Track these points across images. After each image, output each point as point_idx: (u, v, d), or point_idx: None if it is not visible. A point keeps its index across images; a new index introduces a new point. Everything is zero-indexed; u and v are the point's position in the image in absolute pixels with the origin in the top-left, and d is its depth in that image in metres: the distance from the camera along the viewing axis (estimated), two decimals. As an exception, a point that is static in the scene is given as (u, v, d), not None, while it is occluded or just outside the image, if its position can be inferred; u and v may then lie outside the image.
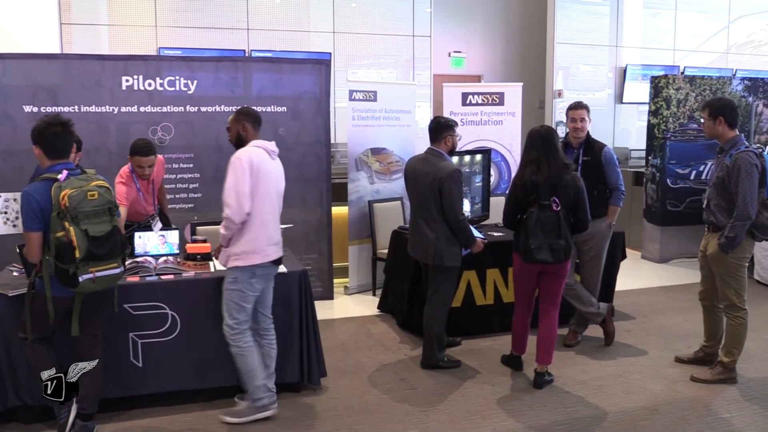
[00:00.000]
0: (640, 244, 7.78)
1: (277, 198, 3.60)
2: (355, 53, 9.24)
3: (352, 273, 6.15)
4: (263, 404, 3.58)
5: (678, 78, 7.60)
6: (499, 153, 6.87)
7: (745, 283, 4.00)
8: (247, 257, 3.44)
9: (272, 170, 3.53)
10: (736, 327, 4.03)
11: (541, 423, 3.62)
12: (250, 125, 3.56)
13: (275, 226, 3.60)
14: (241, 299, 3.49)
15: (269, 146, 3.56)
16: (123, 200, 4.33)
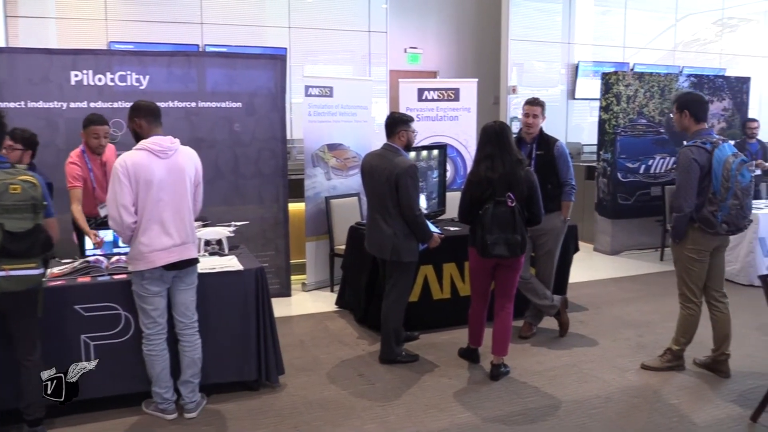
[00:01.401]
0: (592, 237, 7.97)
1: (175, 198, 3.40)
2: (312, 49, 9.18)
3: (310, 269, 6.12)
4: (161, 408, 3.57)
5: (628, 75, 7.79)
6: (454, 148, 6.93)
7: (696, 277, 4.07)
8: (134, 263, 3.39)
9: (158, 172, 3.33)
10: (686, 317, 4.14)
11: (498, 414, 3.68)
12: (144, 121, 3.43)
13: (178, 227, 3.41)
14: (140, 301, 3.45)
15: (156, 145, 3.36)
16: (76, 181, 4.25)
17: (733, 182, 3.80)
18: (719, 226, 3.88)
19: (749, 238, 6.21)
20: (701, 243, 3.99)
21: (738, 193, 3.81)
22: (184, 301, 3.56)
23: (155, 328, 3.49)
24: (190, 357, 3.59)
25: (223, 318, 3.82)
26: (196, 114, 5.43)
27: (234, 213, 5.35)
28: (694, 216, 3.93)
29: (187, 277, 3.54)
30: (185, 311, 3.57)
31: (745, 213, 3.88)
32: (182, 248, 3.45)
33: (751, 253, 6.22)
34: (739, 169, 3.81)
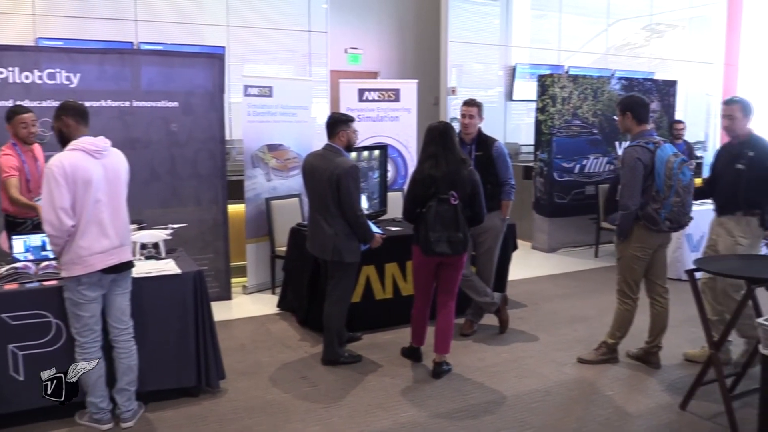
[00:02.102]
0: (530, 235, 8.16)
1: (112, 199, 3.33)
2: (251, 48, 9.04)
3: (250, 272, 6.04)
4: (96, 419, 3.46)
5: (563, 77, 8.01)
6: (395, 149, 6.97)
7: (637, 274, 4.21)
8: (70, 268, 3.27)
9: (95, 172, 3.24)
10: (623, 312, 4.29)
11: (441, 411, 3.72)
12: (72, 121, 3.32)
13: (116, 229, 3.34)
14: (74, 307, 3.32)
15: (91, 145, 3.27)
16: (12, 170, 4.13)
17: (675, 180, 3.94)
18: (663, 223, 4.01)
19: (677, 234, 6.47)
20: (646, 241, 4.12)
21: (680, 191, 3.96)
22: (120, 306, 3.45)
23: (90, 335, 3.36)
24: (126, 364, 3.48)
25: (161, 323, 3.72)
26: (131, 113, 5.27)
27: (171, 215, 5.22)
28: (638, 214, 4.05)
29: (123, 281, 3.44)
30: (121, 317, 3.46)
31: (686, 210, 4.04)
32: (120, 250, 3.36)
33: (679, 249, 6.50)
34: (680, 167, 3.96)
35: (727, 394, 3.52)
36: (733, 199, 4.15)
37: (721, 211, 4.28)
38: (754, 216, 4.12)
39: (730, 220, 4.18)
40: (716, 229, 4.29)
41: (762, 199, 4.11)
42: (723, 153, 4.40)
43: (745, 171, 4.07)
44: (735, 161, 4.14)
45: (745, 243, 4.11)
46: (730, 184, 4.16)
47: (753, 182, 4.06)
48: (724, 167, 4.26)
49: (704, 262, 3.79)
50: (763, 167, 4.04)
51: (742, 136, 4.18)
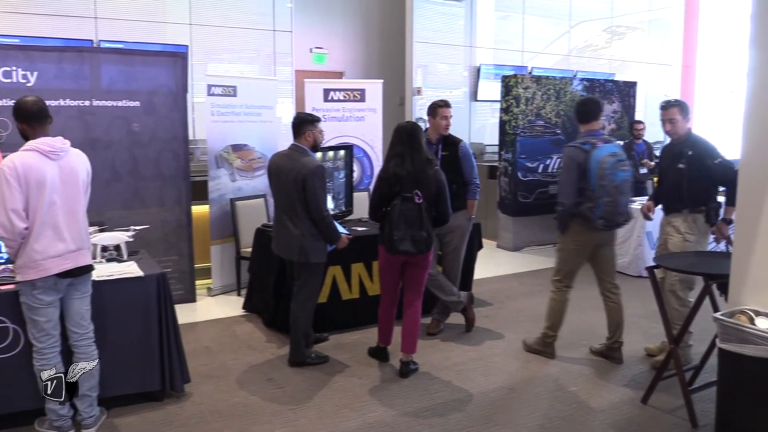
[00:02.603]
0: (495, 234, 8.24)
1: (69, 201, 3.23)
2: (214, 47, 8.94)
3: (215, 273, 5.97)
4: (56, 426, 3.37)
5: (526, 78, 8.11)
6: (361, 149, 6.97)
7: (572, 267, 4.37)
8: (24, 272, 3.18)
9: (50, 173, 3.14)
10: (550, 301, 4.48)
11: (408, 410, 3.73)
12: (25, 124, 3.23)
13: (73, 232, 3.24)
14: (30, 312, 3.24)
15: (46, 146, 3.16)
16: None
17: (608, 181, 4.06)
18: (596, 221, 4.15)
19: (638, 232, 6.62)
20: (582, 236, 4.28)
21: (611, 191, 4.07)
22: (79, 311, 3.36)
23: (48, 341, 3.28)
24: (95, 366, 3.40)
25: (123, 327, 3.65)
26: (91, 113, 5.16)
27: (133, 217, 5.13)
28: (574, 211, 4.20)
29: (81, 285, 3.36)
30: (80, 321, 3.37)
31: (620, 210, 4.16)
32: (77, 254, 3.27)
33: (640, 246, 6.64)
34: (613, 168, 4.07)
35: (686, 388, 3.61)
36: (678, 198, 4.26)
37: (668, 210, 4.40)
38: (699, 213, 4.23)
39: (677, 218, 4.28)
40: (665, 228, 4.40)
41: (705, 196, 4.22)
42: (665, 154, 4.51)
43: (686, 170, 4.19)
44: (676, 161, 4.26)
45: (693, 240, 4.21)
46: (674, 184, 4.28)
47: (694, 181, 4.18)
48: (668, 167, 4.39)
49: (663, 259, 3.88)
50: (703, 165, 4.16)
51: (682, 137, 4.29)
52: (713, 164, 4.15)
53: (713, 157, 4.18)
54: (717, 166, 4.16)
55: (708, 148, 4.23)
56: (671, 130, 4.31)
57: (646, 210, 4.65)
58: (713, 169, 4.15)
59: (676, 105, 4.29)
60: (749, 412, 2.84)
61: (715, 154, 4.21)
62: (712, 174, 4.16)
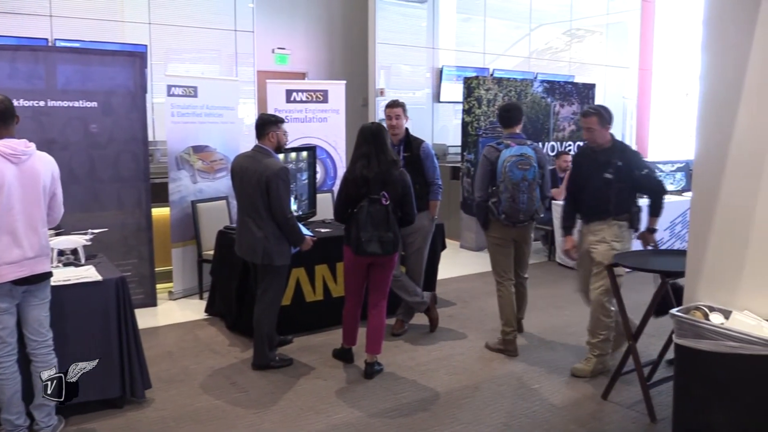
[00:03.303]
0: (458, 235, 8.30)
1: (28, 207, 3.13)
2: (174, 47, 8.79)
3: (177, 277, 5.88)
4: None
5: (488, 79, 8.20)
6: (324, 150, 6.94)
7: (504, 262, 4.63)
8: None
9: (9, 177, 3.04)
10: (497, 299, 4.68)
11: (374, 411, 3.74)
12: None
13: (31, 239, 3.13)
14: None
15: (8, 148, 3.06)
16: None
17: (507, 178, 4.35)
18: (500, 216, 4.44)
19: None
20: (500, 232, 4.56)
21: (510, 188, 4.35)
22: (37, 318, 3.26)
23: (4, 349, 3.18)
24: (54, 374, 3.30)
25: (82, 333, 3.56)
26: (46, 114, 5.03)
27: (91, 220, 5.01)
28: (485, 206, 4.51)
29: (39, 292, 3.25)
30: (38, 328, 3.27)
31: (518, 206, 4.38)
32: (34, 262, 3.16)
33: (599, 246, 6.75)
34: (512, 167, 4.34)
35: (644, 383, 3.70)
36: (603, 206, 4.16)
37: (590, 218, 4.27)
38: (623, 219, 4.17)
39: (601, 226, 4.17)
40: (587, 237, 4.27)
41: (629, 202, 4.20)
42: (585, 161, 4.36)
43: (614, 180, 4.10)
44: (603, 170, 4.15)
45: (619, 247, 4.13)
46: (599, 192, 4.16)
47: (624, 192, 4.13)
48: (590, 175, 4.24)
49: (622, 258, 3.95)
50: (631, 177, 4.12)
51: (604, 144, 4.22)
52: (640, 175, 4.15)
53: (640, 167, 4.19)
54: (643, 177, 4.17)
55: (636, 159, 4.24)
56: (589, 138, 4.25)
57: (570, 249, 4.46)
58: (640, 180, 4.15)
59: (594, 114, 4.20)
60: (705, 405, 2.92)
61: (642, 164, 4.25)
62: (638, 185, 4.17)
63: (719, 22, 3.07)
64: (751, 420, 2.80)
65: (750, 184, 2.95)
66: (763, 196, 2.92)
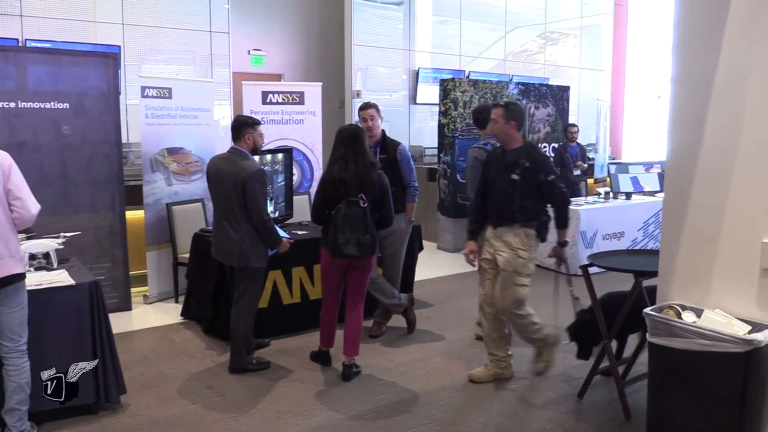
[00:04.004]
0: (435, 236, 8.33)
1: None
2: (148, 48, 8.69)
3: (152, 280, 5.81)
4: None
5: (464, 82, 8.25)
6: (301, 152, 6.92)
7: None
8: None
9: None
10: None
11: (352, 413, 3.73)
12: None
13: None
14: None
15: None
16: None
17: None
18: None
19: (572, 231, 6.81)
20: None
21: None
22: (9, 324, 3.17)
23: None
24: (16, 382, 3.22)
25: (55, 338, 3.50)
26: (16, 115, 4.94)
27: (64, 223, 4.92)
28: None
29: (9, 298, 3.15)
30: (9, 334, 3.18)
31: None
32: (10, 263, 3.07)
33: (574, 246, 6.84)
34: None
35: (620, 382, 3.74)
36: (509, 210, 3.95)
37: (498, 222, 4.05)
38: (531, 228, 3.96)
39: (509, 232, 3.97)
40: (493, 242, 4.06)
41: (537, 210, 3.98)
42: (494, 161, 4.17)
43: (520, 182, 3.90)
44: (509, 171, 3.95)
45: (525, 256, 3.94)
46: (505, 195, 3.96)
47: (527, 194, 3.92)
48: (497, 176, 4.06)
49: (597, 258, 4.00)
50: (536, 180, 3.91)
51: (514, 144, 4.04)
52: (545, 180, 3.92)
53: (547, 172, 3.96)
54: (547, 183, 3.94)
55: (543, 163, 4.03)
56: (492, 131, 4.14)
57: (469, 254, 4.26)
58: (543, 186, 3.93)
59: (503, 107, 4.03)
60: (678, 402, 2.97)
61: (550, 170, 4.02)
62: (541, 190, 3.94)
63: (689, 25, 3.13)
64: (723, 416, 2.86)
65: (721, 185, 3.01)
66: (734, 196, 2.98)
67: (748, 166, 2.92)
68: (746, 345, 2.73)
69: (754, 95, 2.88)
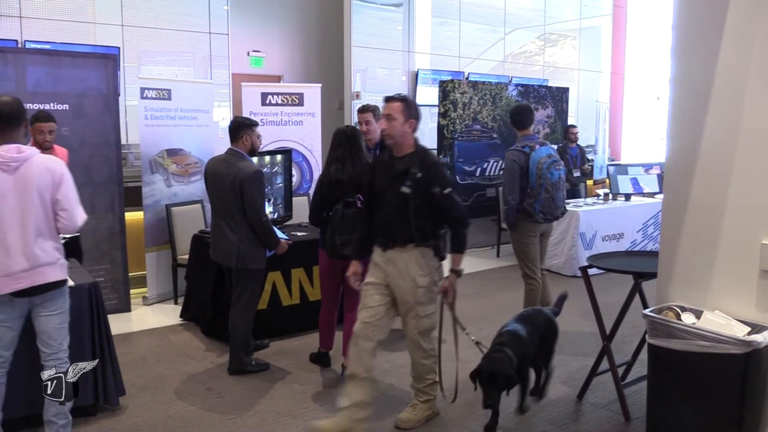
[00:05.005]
0: (435, 238, 8.31)
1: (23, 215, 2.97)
2: (148, 49, 8.69)
3: (151, 282, 5.81)
4: None
5: (463, 83, 8.25)
6: (300, 153, 6.92)
7: (531, 257, 4.80)
8: None
9: (4, 186, 2.93)
10: (528, 291, 4.89)
11: (350, 415, 3.72)
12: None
13: (27, 250, 2.98)
14: None
15: None
16: None
17: (544, 179, 4.59)
18: (537, 215, 4.66)
19: (571, 233, 6.82)
20: (529, 229, 4.76)
21: (548, 188, 4.60)
22: (46, 329, 3.10)
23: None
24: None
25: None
26: (15, 117, 4.93)
27: (63, 224, 4.92)
28: (519, 207, 4.68)
29: (48, 303, 3.08)
30: (47, 340, 3.11)
31: (557, 204, 4.71)
32: (33, 273, 2.99)
33: (574, 247, 6.85)
34: (549, 168, 4.56)
35: (619, 383, 3.74)
36: (402, 229, 3.35)
37: (388, 244, 3.41)
38: (427, 246, 3.43)
39: (402, 254, 3.38)
40: (384, 268, 3.42)
41: (433, 226, 3.42)
42: (378, 170, 3.52)
43: (412, 195, 3.30)
44: (399, 182, 3.33)
45: (425, 283, 3.41)
46: (395, 211, 3.35)
47: (424, 211, 3.34)
48: (385, 189, 3.42)
49: (596, 259, 3.99)
50: (429, 192, 3.32)
51: (405, 149, 3.39)
52: (440, 194, 3.34)
53: (443, 184, 3.36)
54: (443, 198, 3.35)
55: (439, 172, 3.41)
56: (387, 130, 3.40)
57: (351, 276, 3.63)
58: (438, 200, 3.34)
59: (401, 100, 3.41)
60: (677, 403, 2.97)
61: (446, 182, 3.40)
62: (436, 205, 3.36)
63: (688, 26, 3.13)
64: (722, 417, 2.85)
65: (720, 186, 3.01)
66: (733, 197, 2.98)
67: (747, 168, 2.92)
68: (745, 346, 2.73)
69: (753, 96, 2.88)
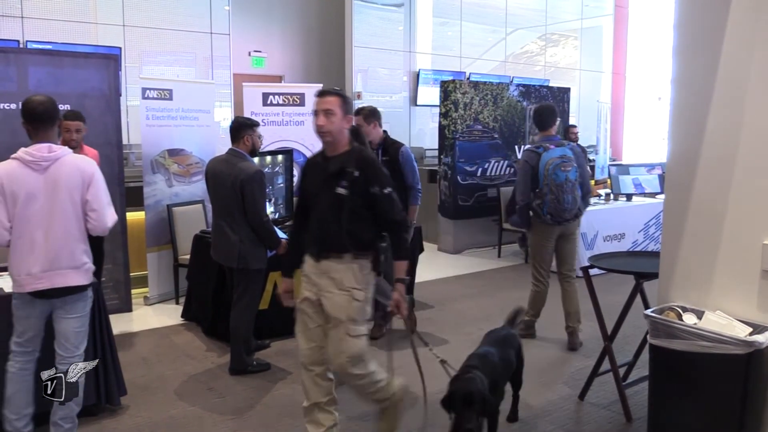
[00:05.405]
0: (436, 238, 8.33)
1: (51, 216, 2.98)
2: (149, 49, 8.71)
3: (152, 282, 5.81)
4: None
5: (464, 83, 8.24)
6: (301, 153, 6.91)
7: (540, 259, 4.83)
8: (7, 281, 3.09)
9: (28, 185, 2.94)
10: (534, 293, 4.91)
11: (352, 415, 3.73)
12: (28, 125, 3.11)
13: (50, 250, 2.98)
14: (13, 318, 3.12)
15: (28, 155, 2.99)
16: None
17: (550, 180, 4.56)
18: (545, 216, 4.62)
19: (573, 233, 6.80)
20: (541, 230, 4.76)
21: (553, 189, 4.54)
22: (63, 332, 3.11)
23: (18, 348, 3.12)
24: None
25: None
26: (18, 117, 4.86)
27: (64, 224, 4.93)
28: (531, 207, 4.68)
29: (68, 306, 3.09)
30: (64, 343, 3.12)
31: (564, 206, 4.59)
32: (54, 275, 3.00)
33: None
34: (555, 169, 4.53)
35: (620, 383, 3.74)
36: (335, 236, 2.99)
37: (321, 253, 3.05)
38: (366, 258, 3.07)
39: (337, 265, 3.03)
40: (317, 280, 3.08)
41: (372, 234, 3.07)
42: (310, 171, 3.21)
43: (348, 198, 2.96)
44: (333, 183, 2.99)
45: (362, 297, 3.07)
46: (329, 216, 3.01)
47: (358, 214, 3.00)
48: (318, 191, 3.08)
49: (597, 260, 3.99)
50: (368, 193, 2.98)
51: (340, 146, 3.06)
52: (380, 194, 3.00)
53: (382, 184, 3.02)
54: (383, 198, 3.01)
55: (378, 171, 3.07)
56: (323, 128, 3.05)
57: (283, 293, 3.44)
58: (378, 201, 3.00)
59: (337, 95, 3.11)
60: (679, 404, 2.97)
61: (385, 180, 3.07)
62: (375, 207, 3.01)
63: (690, 26, 3.13)
64: (724, 418, 2.85)
65: (722, 186, 3.01)
66: (735, 197, 2.98)
67: (749, 168, 2.92)
68: (747, 347, 2.72)
69: (754, 97, 2.88)
